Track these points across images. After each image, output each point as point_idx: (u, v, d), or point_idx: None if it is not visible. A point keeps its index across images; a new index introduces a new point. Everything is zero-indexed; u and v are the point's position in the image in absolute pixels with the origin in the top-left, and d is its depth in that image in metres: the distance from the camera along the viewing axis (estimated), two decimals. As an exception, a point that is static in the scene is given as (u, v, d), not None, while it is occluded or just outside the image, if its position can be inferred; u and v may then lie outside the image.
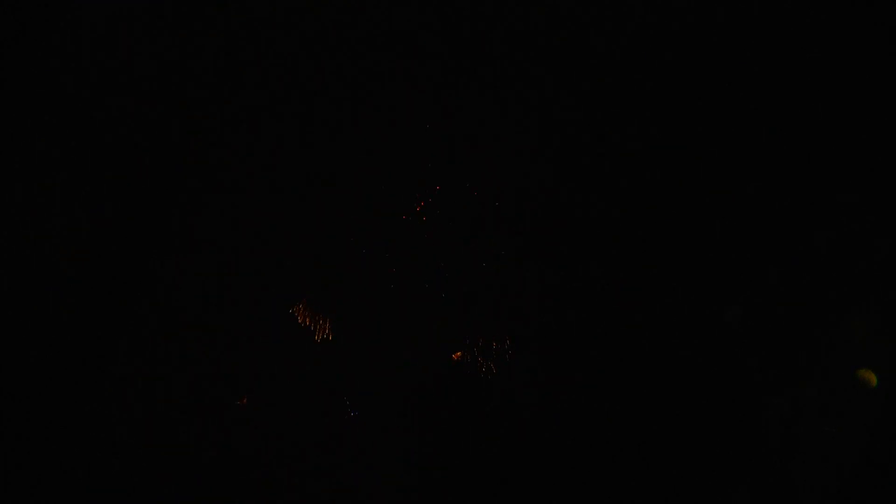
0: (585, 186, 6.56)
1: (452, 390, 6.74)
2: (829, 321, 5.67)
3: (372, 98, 6.60)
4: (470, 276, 6.79)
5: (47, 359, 5.86)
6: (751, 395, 5.82)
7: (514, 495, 6.23)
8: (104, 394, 6.00)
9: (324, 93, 6.56)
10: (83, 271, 6.08)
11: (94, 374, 6.00)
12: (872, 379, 5.39)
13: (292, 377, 6.65)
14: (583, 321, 6.46)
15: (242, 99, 6.47)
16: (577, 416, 6.34)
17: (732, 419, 5.83)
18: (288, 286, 6.70)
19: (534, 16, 6.31)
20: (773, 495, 5.61)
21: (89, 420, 5.91)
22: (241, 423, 6.40)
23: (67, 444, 5.78)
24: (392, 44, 6.44)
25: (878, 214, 5.60)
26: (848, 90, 5.74)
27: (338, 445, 6.67)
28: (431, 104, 6.62)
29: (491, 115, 6.61)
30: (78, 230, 6.08)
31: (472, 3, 6.42)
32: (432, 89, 6.60)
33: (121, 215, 6.26)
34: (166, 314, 6.36)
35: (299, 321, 6.69)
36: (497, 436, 6.50)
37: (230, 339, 6.49)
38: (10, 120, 5.88)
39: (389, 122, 6.61)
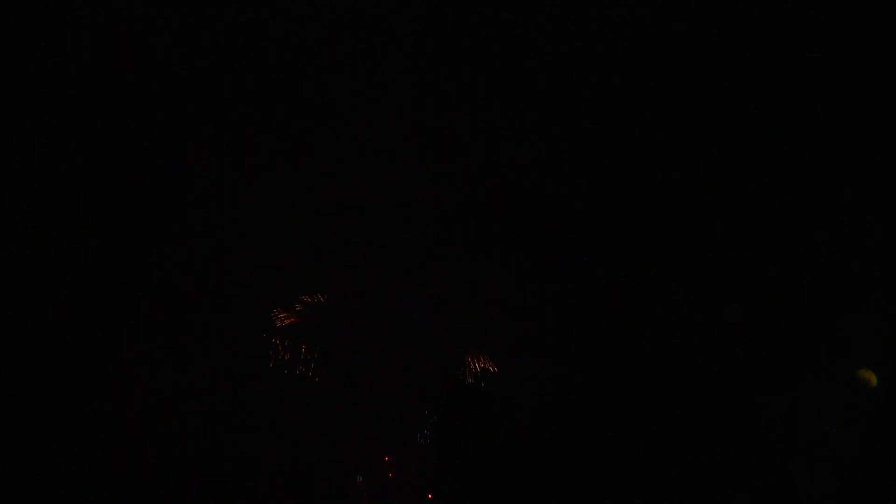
0: (585, 187, 6.54)
1: (452, 392, 6.72)
2: (829, 321, 5.65)
3: (368, 106, 6.59)
4: (468, 279, 6.77)
5: (47, 359, 5.84)
6: (751, 395, 5.81)
7: (514, 495, 6.22)
8: (101, 394, 5.98)
9: (321, 96, 6.55)
10: (80, 271, 6.06)
11: (92, 374, 5.99)
12: (872, 379, 5.38)
13: (292, 379, 6.63)
14: (583, 321, 6.45)
15: (240, 105, 6.45)
16: (577, 417, 6.33)
17: (732, 419, 5.82)
18: (288, 287, 6.68)
19: (535, 17, 6.30)
20: (773, 495, 5.60)
21: (86, 419, 5.89)
22: (239, 424, 6.38)
23: (66, 443, 5.76)
24: (390, 46, 6.43)
25: (878, 214, 5.59)
26: (848, 90, 5.72)
27: (337, 446, 6.65)
28: (430, 106, 6.60)
29: (488, 117, 6.59)
30: (74, 229, 6.06)
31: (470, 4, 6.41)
32: (429, 91, 6.58)
33: (118, 215, 6.24)
34: (163, 315, 6.33)
35: (301, 326, 6.68)
36: (497, 437, 6.49)
37: (229, 342, 6.47)
38: (10, 120, 5.86)
39: (385, 131, 6.59)
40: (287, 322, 6.55)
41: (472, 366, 6.65)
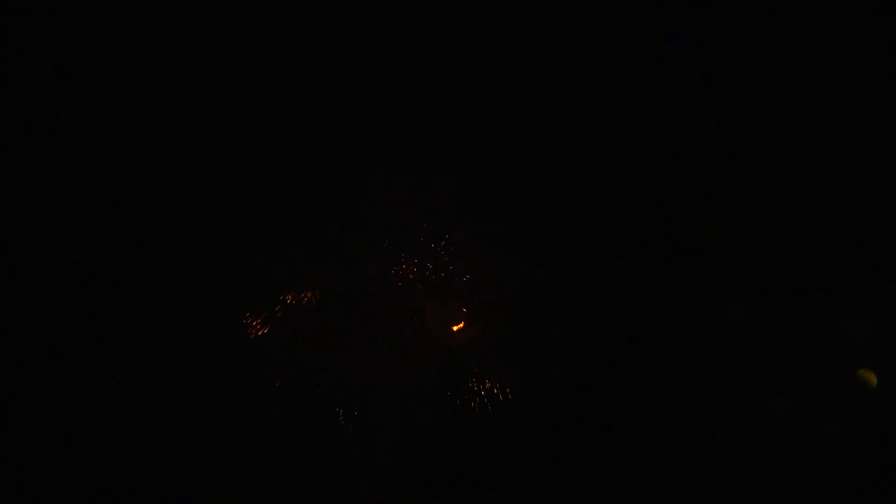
0: (584, 186, 6.57)
1: (450, 391, 6.73)
2: (829, 321, 5.67)
3: (369, 101, 6.59)
4: (469, 277, 6.78)
5: (47, 359, 5.85)
6: (751, 395, 5.83)
7: (513, 496, 6.23)
8: (100, 395, 5.99)
9: (320, 94, 6.55)
10: (77, 271, 6.07)
11: (91, 375, 5.99)
12: (872, 379, 5.40)
13: (289, 380, 6.64)
14: (583, 321, 6.47)
15: (239, 104, 6.45)
16: (577, 417, 6.34)
17: (732, 419, 5.83)
18: (284, 286, 6.69)
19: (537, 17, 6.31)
20: (773, 495, 5.61)
21: (84, 420, 5.90)
22: (238, 424, 6.39)
23: (65, 443, 5.77)
24: (392, 43, 6.44)
25: (877, 214, 5.62)
26: (848, 90, 5.75)
27: (334, 448, 6.66)
28: (431, 105, 6.62)
29: (488, 116, 6.61)
30: (68, 230, 6.07)
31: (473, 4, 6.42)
32: (431, 89, 6.60)
33: (115, 215, 6.24)
34: (161, 316, 6.33)
35: (297, 321, 6.68)
36: (496, 438, 6.50)
37: (226, 342, 6.47)
38: (10, 120, 5.86)
39: (386, 127, 6.59)
40: (262, 331, 6.49)
41: (476, 381, 6.64)
